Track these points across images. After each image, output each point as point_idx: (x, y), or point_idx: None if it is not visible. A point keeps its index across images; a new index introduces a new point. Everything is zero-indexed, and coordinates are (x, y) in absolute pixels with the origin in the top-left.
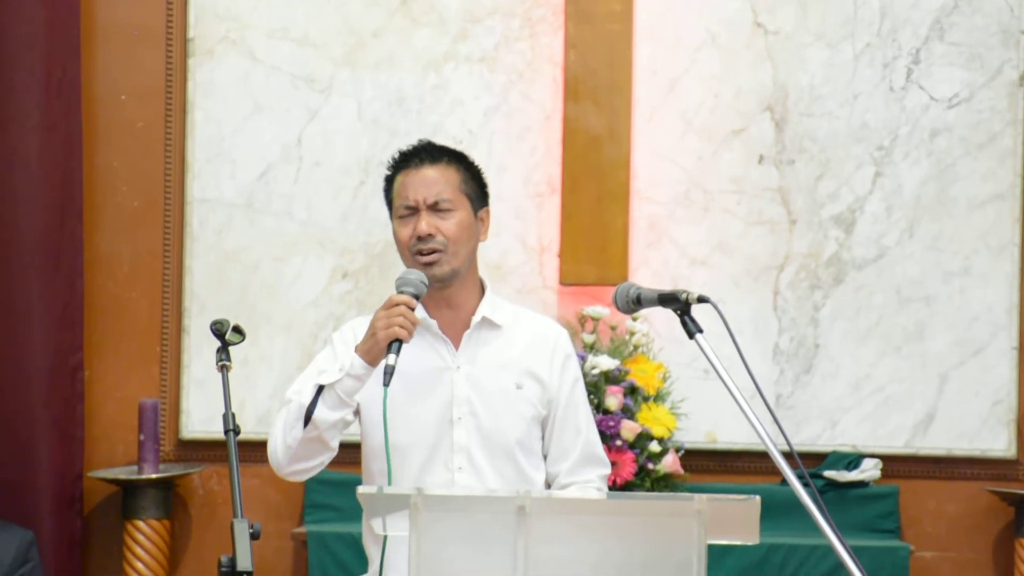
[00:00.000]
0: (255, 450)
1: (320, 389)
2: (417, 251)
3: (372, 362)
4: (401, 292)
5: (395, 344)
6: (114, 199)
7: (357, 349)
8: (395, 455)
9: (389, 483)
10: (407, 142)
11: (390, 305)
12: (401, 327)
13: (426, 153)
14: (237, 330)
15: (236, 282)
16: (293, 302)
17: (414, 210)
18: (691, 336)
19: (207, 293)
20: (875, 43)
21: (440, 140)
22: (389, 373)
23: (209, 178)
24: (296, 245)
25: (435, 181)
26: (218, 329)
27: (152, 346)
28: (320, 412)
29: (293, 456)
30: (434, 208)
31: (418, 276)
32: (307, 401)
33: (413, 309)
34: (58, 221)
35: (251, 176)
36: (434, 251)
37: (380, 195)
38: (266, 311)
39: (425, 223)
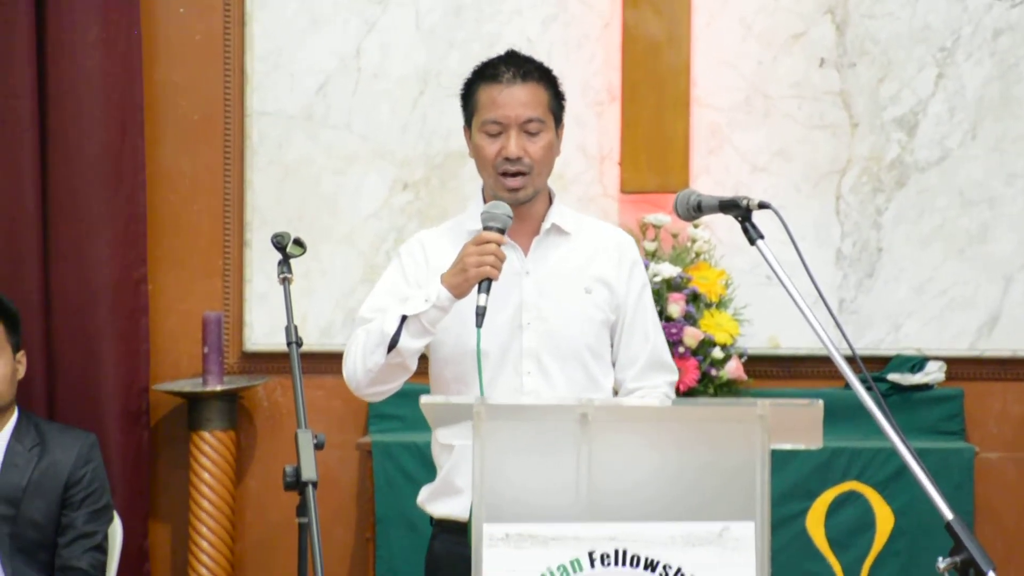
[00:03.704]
0: (318, 362)
1: (403, 318)
2: (503, 171)
3: (459, 296)
4: (488, 227)
5: (485, 283)
6: (174, 113)
7: (444, 281)
8: (467, 360)
9: (481, 395)
10: (465, 53)
11: (480, 242)
12: (492, 266)
13: (516, 68)
14: (298, 243)
15: (296, 195)
16: (353, 214)
17: (503, 127)
18: (752, 242)
19: (268, 206)
20: None
21: (497, 50)
22: (481, 315)
23: (268, 91)
24: (356, 157)
25: (527, 102)
26: (279, 242)
27: (214, 260)
28: (404, 341)
29: (374, 380)
30: (524, 128)
31: (504, 211)
32: (390, 330)
33: (501, 245)
34: (120, 136)
35: (310, 89)
36: (520, 173)
37: (439, 105)
38: (327, 224)
39: (515, 144)
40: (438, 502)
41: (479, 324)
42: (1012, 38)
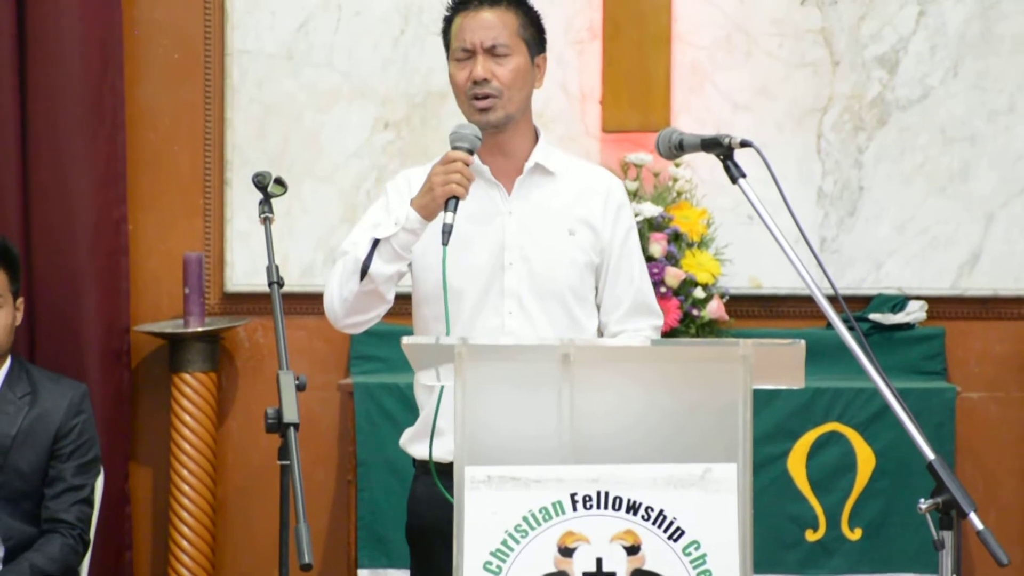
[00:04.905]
0: (300, 302)
1: (376, 243)
2: (472, 95)
3: (428, 217)
4: (456, 148)
5: (452, 201)
6: (155, 52)
7: (413, 203)
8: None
9: (448, 333)
10: None
11: (447, 161)
12: (458, 184)
13: None
14: (279, 182)
15: (278, 134)
16: (335, 153)
17: (471, 53)
18: (734, 181)
19: (249, 145)
20: None
21: None
22: (447, 232)
23: (249, 29)
24: (337, 96)
25: (493, 25)
26: (260, 181)
27: (195, 199)
28: (376, 266)
29: (350, 309)
30: (491, 52)
31: (472, 131)
32: (363, 255)
33: (469, 165)
34: (99, 75)
35: (291, 27)
36: (488, 96)
37: (420, 44)
38: (308, 163)
39: (481, 67)
40: (420, 443)
41: (445, 242)
42: None
